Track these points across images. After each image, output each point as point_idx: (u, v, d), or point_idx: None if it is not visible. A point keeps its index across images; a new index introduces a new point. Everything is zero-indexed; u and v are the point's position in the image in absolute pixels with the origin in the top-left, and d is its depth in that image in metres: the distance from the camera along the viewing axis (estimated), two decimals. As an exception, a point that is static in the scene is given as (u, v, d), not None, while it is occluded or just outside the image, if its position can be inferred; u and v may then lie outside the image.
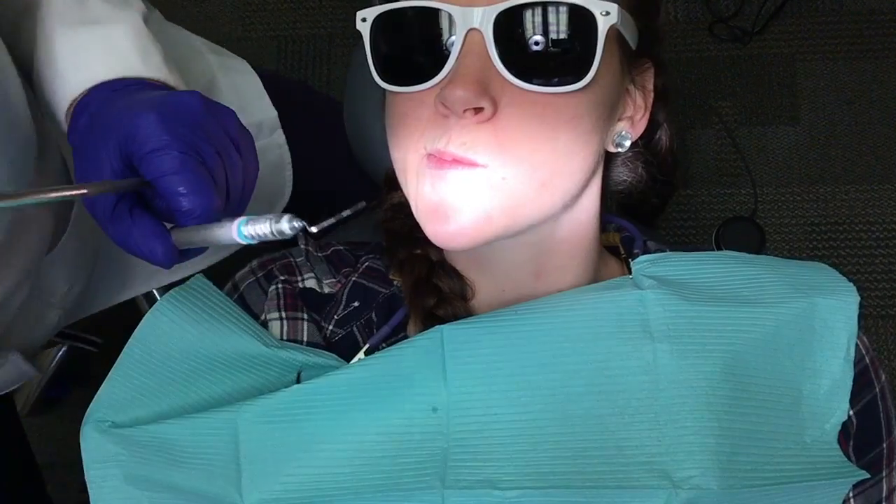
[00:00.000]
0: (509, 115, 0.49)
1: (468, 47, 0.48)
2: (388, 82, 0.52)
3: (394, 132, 0.53)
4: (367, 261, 0.64)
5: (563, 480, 0.49)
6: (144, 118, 0.51)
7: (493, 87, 0.48)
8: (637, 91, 0.57)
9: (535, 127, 0.49)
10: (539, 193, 0.51)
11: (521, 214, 0.51)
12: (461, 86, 0.47)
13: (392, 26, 0.52)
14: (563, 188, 0.52)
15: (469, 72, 0.48)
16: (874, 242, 1.53)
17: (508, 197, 0.50)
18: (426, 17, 0.50)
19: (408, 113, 0.51)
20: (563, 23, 0.49)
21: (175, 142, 0.51)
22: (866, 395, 0.57)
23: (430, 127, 0.50)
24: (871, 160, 1.57)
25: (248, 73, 0.89)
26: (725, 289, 0.55)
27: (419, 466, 0.50)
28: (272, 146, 0.89)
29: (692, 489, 0.49)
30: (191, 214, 0.51)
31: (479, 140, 0.49)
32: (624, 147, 0.57)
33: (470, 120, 0.48)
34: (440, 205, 0.50)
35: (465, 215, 0.49)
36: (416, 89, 0.50)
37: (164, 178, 0.50)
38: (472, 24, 0.48)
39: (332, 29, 1.76)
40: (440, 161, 0.49)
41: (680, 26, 1.68)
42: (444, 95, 0.47)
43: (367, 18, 0.52)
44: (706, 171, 1.60)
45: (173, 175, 0.50)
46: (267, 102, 0.88)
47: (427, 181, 0.50)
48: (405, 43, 0.52)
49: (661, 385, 0.51)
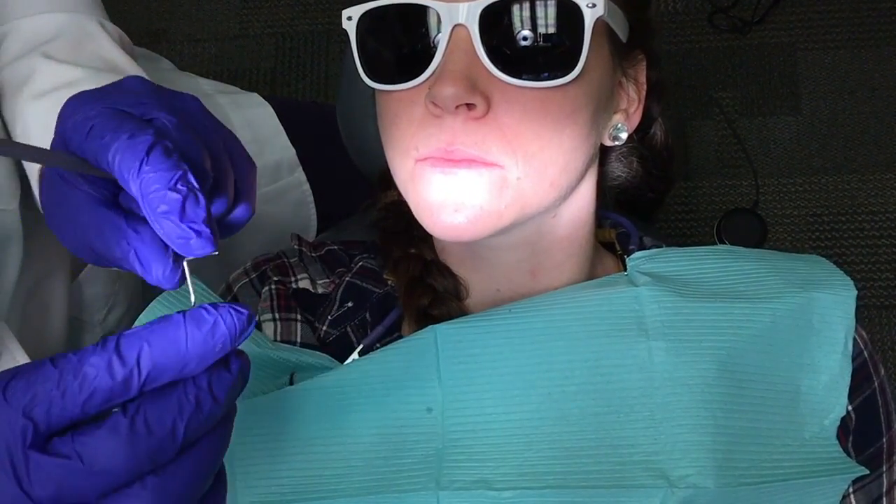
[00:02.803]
0: (509, 113, 0.48)
1: (454, 44, 0.48)
2: (375, 81, 0.52)
3: (387, 133, 0.53)
4: (360, 260, 0.64)
5: (558, 480, 0.49)
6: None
7: (481, 82, 0.48)
8: (630, 84, 0.57)
9: (538, 124, 0.49)
10: (547, 192, 0.51)
11: (528, 210, 0.51)
12: (450, 83, 0.46)
13: (378, 24, 0.51)
14: (567, 184, 0.52)
15: (456, 68, 0.47)
16: (877, 232, 1.52)
17: (521, 195, 0.50)
18: (412, 14, 0.49)
19: (400, 114, 0.51)
20: (549, 16, 0.48)
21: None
22: (865, 390, 0.57)
23: (424, 126, 0.49)
24: (874, 149, 1.56)
25: (261, 106, 0.86)
26: (721, 284, 0.55)
27: (414, 467, 0.50)
28: (293, 185, 0.87)
29: (688, 488, 0.48)
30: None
31: (489, 139, 0.48)
32: (620, 140, 0.57)
33: (464, 116, 0.48)
34: (446, 201, 0.49)
35: (475, 211, 0.49)
36: (403, 87, 0.50)
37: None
38: (457, 20, 0.48)
39: (330, 25, 1.75)
40: (447, 161, 0.49)
41: (679, 17, 1.67)
42: (434, 94, 0.47)
43: (353, 17, 0.51)
44: (707, 162, 1.59)
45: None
46: (284, 140, 0.86)
47: (430, 179, 0.49)
48: (391, 41, 0.52)
49: (657, 383, 0.50)
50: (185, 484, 0.32)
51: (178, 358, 0.31)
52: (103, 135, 0.35)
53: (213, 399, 0.32)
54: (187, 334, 0.31)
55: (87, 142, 0.35)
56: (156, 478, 0.31)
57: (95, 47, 0.58)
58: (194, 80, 0.83)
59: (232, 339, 0.32)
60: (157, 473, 0.31)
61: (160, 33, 1.78)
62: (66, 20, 0.59)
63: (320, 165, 0.89)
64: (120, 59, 0.58)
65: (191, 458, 0.32)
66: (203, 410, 0.32)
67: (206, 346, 0.31)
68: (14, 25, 0.59)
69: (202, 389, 0.32)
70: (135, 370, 0.31)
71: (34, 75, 0.55)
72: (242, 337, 0.33)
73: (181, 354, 0.31)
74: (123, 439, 0.30)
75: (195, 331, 0.31)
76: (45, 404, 0.30)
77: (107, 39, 0.59)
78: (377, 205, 0.66)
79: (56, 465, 0.30)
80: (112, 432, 0.30)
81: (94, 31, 0.59)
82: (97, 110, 0.36)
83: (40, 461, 0.30)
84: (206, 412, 0.32)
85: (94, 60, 0.57)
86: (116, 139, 0.34)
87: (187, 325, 0.31)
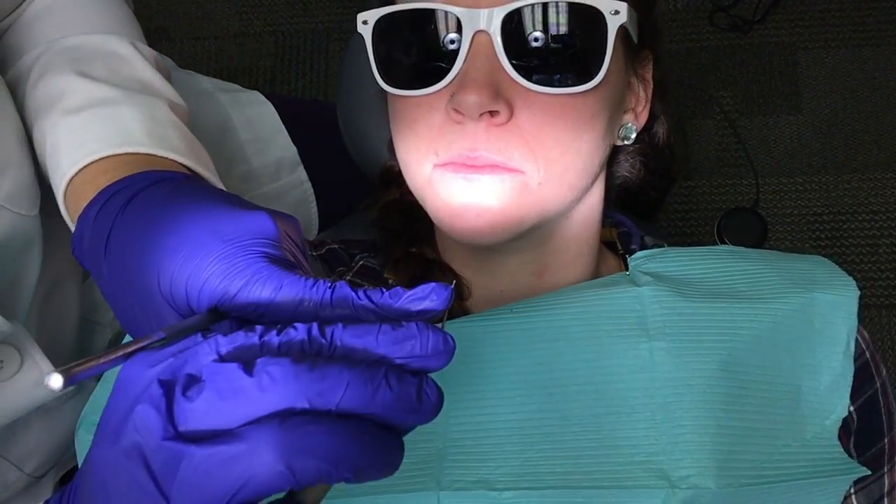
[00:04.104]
0: (531, 119, 0.48)
1: (476, 49, 0.48)
2: (392, 86, 0.51)
3: (403, 137, 0.52)
4: (361, 260, 0.64)
5: (559, 480, 0.49)
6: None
7: (503, 89, 0.48)
8: (638, 83, 0.57)
9: (559, 129, 0.49)
10: (566, 195, 0.51)
11: (547, 214, 0.51)
12: (474, 90, 0.46)
13: (395, 29, 0.50)
14: (583, 186, 0.53)
15: (479, 75, 0.47)
16: (877, 231, 1.52)
17: (542, 200, 0.50)
18: (430, 19, 0.49)
19: (418, 119, 0.50)
20: (572, 23, 0.48)
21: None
22: (867, 391, 0.56)
23: (444, 132, 0.49)
24: (874, 149, 1.56)
25: (262, 104, 0.86)
26: (723, 284, 0.54)
27: (414, 467, 0.50)
28: (294, 184, 0.87)
29: (690, 488, 0.48)
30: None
31: (511, 146, 0.48)
32: (630, 139, 0.57)
33: (487, 123, 0.48)
34: (468, 206, 0.49)
35: (497, 216, 0.49)
36: (422, 93, 0.49)
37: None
38: (479, 27, 0.47)
39: (330, 24, 1.75)
40: (469, 167, 0.48)
41: (680, 16, 1.67)
42: (458, 101, 0.47)
43: (369, 21, 0.51)
44: (707, 161, 1.59)
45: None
46: (285, 138, 0.86)
47: (452, 184, 0.49)
48: (409, 46, 0.51)
49: (658, 383, 0.50)
50: (312, 450, 0.29)
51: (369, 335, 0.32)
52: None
53: (387, 381, 0.31)
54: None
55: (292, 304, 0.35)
56: (294, 418, 0.29)
57: (130, 69, 0.58)
58: (195, 78, 0.83)
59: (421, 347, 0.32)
60: (297, 416, 0.30)
61: (160, 31, 1.78)
62: (101, 42, 0.59)
63: (321, 164, 0.89)
64: (155, 81, 0.58)
65: (336, 424, 0.30)
66: (374, 381, 0.30)
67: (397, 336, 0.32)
68: (48, 46, 0.58)
69: (379, 367, 0.31)
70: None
71: (67, 93, 0.54)
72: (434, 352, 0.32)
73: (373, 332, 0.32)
74: (291, 357, 0.30)
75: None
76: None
77: (141, 61, 0.58)
78: (378, 204, 0.66)
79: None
80: (284, 353, 0.30)
81: (128, 54, 0.58)
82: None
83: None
84: (376, 385, 0.30)
85: (129, 81, 0.56)
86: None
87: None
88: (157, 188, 0.43)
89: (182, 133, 0.53)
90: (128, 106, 0.52)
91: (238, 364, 0.30)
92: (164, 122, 0.53)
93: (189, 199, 0.40)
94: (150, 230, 0.39)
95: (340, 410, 0.30)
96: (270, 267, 0.35)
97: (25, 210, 0.56)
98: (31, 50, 0.59)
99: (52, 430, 0.66)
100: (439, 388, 0.33)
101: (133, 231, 0.40)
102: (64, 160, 0.50)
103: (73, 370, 0.30)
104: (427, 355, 0.32)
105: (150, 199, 0.42)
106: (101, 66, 0.56)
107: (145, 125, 0.51)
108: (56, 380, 0.29)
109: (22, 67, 0.58)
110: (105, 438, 0.32)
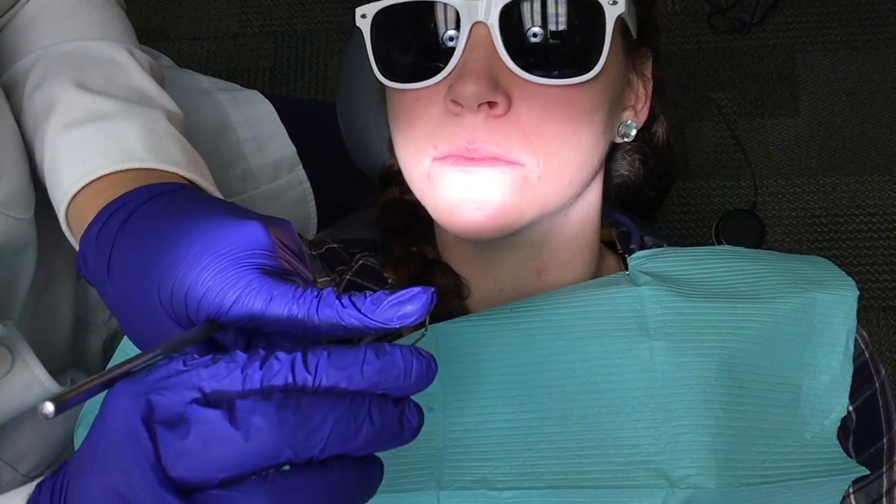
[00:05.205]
0: (530, 111, 0.48)
1: (474, 41, 0.48)
2: (391, 79, 0.51)
3: (402, 131, 0.52)
4: (361, 259, 0.64)
5: (559, 480, 0.49)
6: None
7: (502, 80, 0.48)
8: (638, 80, 0.57)
9: (558, 122, 0.49)
10: (566, 190, 0.51)
11: (547, 208, 0.51)
12: (472, 81, 0.46)
13: (394, 22, 0.51)
14: (583, 181, 0.53)
15: (478, 66, 0.47)
16: (875, 234, 1.52)
17: (542, 193, 0.50)
18: (429, 11, 0.49)
19: (416, 112, 0.50)
20: (570, 13, 0.48)
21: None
22: (866, 391, 0.56)
23: (442, 124, 0.49)
24: (872, 151, 1.56)
25: (261, 103, 0.86)
26: (723, 284, 0.54)
27: (414, 467, 0.50)
28: (293, 183, 0.87)
29: (690, 488, 0.48)
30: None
31: (511, 138, 0.48)
32: (630, 136, 0.57)
33: (485, 115, 0.48)
34: (467, 199, 0.49)
35: (496, 209, 0.49)
36: (421, 86, 0.49)
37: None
38: (477, 18, 0.47)
39: (329, 24, 1.75)
40: (468, 160, 0.48)
41: (678, 18, 1.67)
42: (456, 92, 0.47)
43: (367, 15, 0.51)
44: (705, 163, 1.59)
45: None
46: (284, 137, 0.85)
47: (451, 177, 0.49)
48: (408, 39, 0.51)
49: (658, 383, 0.50)
50: (303, 500, 0.31)
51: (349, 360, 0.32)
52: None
53: (370, 417, 0.31)
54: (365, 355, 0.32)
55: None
56: (281, 478, 0.30)
57: (126, 78, 0.57)
58: (194, 77, 0.83)
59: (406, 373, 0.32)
60: (284, 474, 0.30)
61: (158, 31, 1.78)
62: (97, 48, 0.58)
63: (320, 163, 0.89)
64: (152, 90, 0.58)
65: (322, 475, 0.31)
66: (357, 419, 0.31)
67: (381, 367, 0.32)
68: (44, 52, 0.58)
69: (362, 400, 0.32)
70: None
71: (66, 105, 0.54)
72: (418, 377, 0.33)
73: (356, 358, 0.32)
74: (275, 404, 0.30)
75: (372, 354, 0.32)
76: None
77: (137, 69, 0.58)
78: (377, 202, 0.65)
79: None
80: (267, 397, 0.30)
81: (124, 61, 0.58)
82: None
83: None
84: (359, 423, 0.31)
85: (126, 91, 0.56)
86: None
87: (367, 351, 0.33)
88: (154, 203, 0.44)
89: (180, 144, 0.54)
90: (127, 119, 0.53)
91: (222, 412, 0.30)
92: (163, 136, 0.53)
93: (184, 214, 0.41)
94: (147, 247, 0.40)
95: (324, 455, 0.31)
96: (262, 278, 0.36)
97: (21, 213, 0.55)
98: (26, 54, 0.59)
99: (46, 431, 0.66)
100: (420, 409, 0.33)
101: (132, 249, 0.41)
102: (65, 178, 0.50)
103: (64, 397, 0.31)
104: (410, 384, 0.33)
105: (148, 215, 0.43)
106: (98, 76, 0.56)
107: (145, 139, 0.51)
108: (48, 407, 0.30)
109: (18, 72, 0.58)
110: (92, 471, 0.32)
